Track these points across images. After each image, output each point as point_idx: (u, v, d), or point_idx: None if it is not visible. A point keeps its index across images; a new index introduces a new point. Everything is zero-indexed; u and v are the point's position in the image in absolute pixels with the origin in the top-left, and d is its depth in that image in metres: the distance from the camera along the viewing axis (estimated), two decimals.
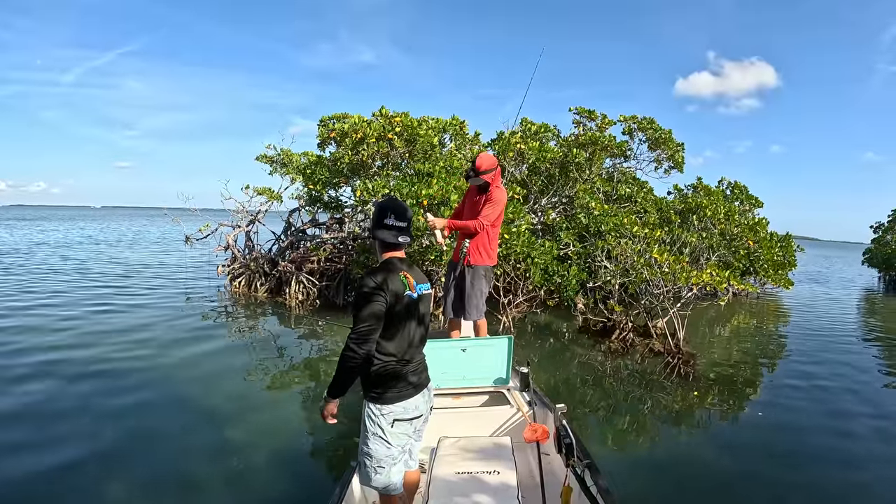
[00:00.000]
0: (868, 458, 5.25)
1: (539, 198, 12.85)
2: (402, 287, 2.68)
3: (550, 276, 10.55)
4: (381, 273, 2.67)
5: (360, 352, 2.59)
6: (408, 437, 2.84)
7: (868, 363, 9.34)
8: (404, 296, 2.68)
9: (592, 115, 14.10)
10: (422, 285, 2.82)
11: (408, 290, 2.70)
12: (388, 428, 2.73)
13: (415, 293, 2.74)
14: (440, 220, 5.08)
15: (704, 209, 13.20)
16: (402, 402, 2.74)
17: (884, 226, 27.61)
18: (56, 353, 7.45)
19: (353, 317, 2.63)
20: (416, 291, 2.75)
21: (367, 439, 2.76)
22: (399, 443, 2.79)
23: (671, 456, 5.21)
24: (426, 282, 2.90)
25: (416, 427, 2.87)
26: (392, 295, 2.63)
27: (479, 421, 4.19)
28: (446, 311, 5.31)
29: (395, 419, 2.74)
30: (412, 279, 2.75)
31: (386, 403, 2.72)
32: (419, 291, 2.78)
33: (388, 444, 2.75)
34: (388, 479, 2.78)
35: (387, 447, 2.75)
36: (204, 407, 5.82)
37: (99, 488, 4.11)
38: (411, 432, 2.84)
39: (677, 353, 8.28)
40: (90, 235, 34.58)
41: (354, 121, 11.51)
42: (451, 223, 5.16)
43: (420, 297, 2.79)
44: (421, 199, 9.55)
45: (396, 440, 2.77)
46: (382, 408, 2.72)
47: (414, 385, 2.79)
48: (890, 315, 16.25)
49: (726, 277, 8.90)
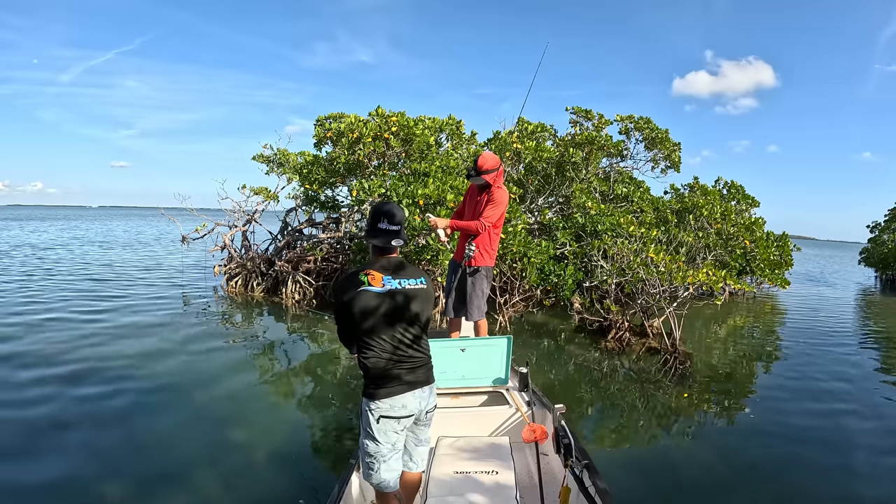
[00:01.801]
0: (863, 458, 5.26)
1: (535, 197, 12.86)
2: (359, 284, 2.72)
3: (547, 275, 10.55)
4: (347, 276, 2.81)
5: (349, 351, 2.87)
6: (396, 436, 2.82)
7: (864, 362, 9.37)
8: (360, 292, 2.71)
9: (589, 115, 14.11)
10: (406, 280, 2.81)
11: (367, 287, 2.71)
12: (374, 424, 2.75)
13: (379, 287, 2.73)
14: (442, 220, 5.04)
15: (701, 209, 13.21)
16: (388, 398, 2.74)
17: (881, 225, 27.67)
18: (53, 355, 7.42)
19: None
20: (382, 286, 2.73)
21: (361, 434, 2.83)
22: (387, 440, 2.78)
23: (667, 455, 5.21)
24: (418, 276, 2.87)
25: (406, 426, 2.84)
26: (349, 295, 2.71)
27: (478, 421, 4.18)
28: (447, 311, 5.28)
29: (381, 416, 2.75)
30: (378, 275, 2.75)
31: (373, 399, 2.74)
32: (391, 286, 2.75)
33: (377, 441, 2.76)
34: (378, 476, 2.78)
35: (375, 444, 2.76)
36: (202, 407, 5.81)
37: (98, 490, 4.09)
38: (399, 430, 2.81)
39: (674, 353, 8.30)
40: (79, 236, 34.43)
41: (351, 120, 11.50)
42: (453, 223, 5.10)
43: (395, 291, 2.76)
44: (417, 199, 9.54)
45: (383, 437, 2.77)
46: (370, 403, 2.75)
47: (407, 383, 2.78)
48: (887, 314, 16.30)
49: (722, 277, 8.91)
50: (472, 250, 4.95)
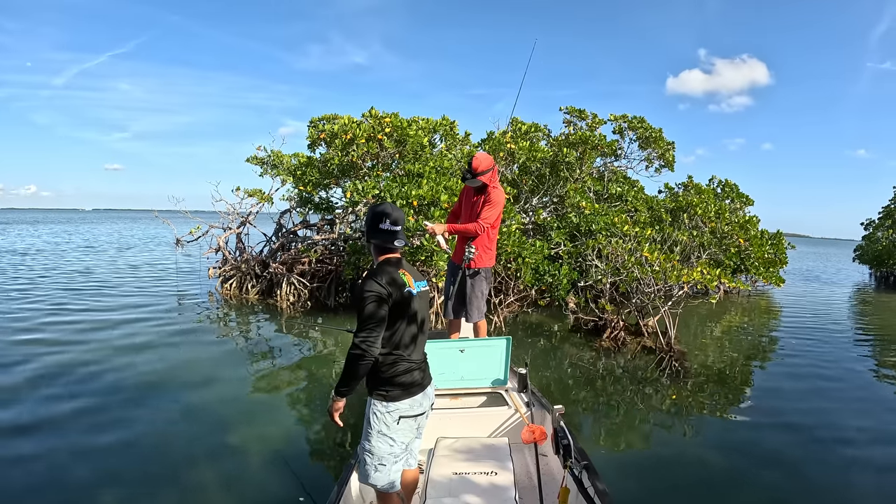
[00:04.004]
0: (859, 456, 5.28)
1: (529, 197, 12.86)
2: (403, 285, 2.72)
3: (541, 275, 10.56)
4: (382, 274, 2.69)
5: (368, 351, 2.61)
6: (412, 434, 2.88)
7: (859, 359, 9.42)
8: (405, 293, 2.72)
9: (583, 115, 14.14)
10: (419, 283, 2.86)
11: (408, 287, 2.74)
12: (393, 425, 2.76)
13: (414, 290, 2.78)
14: (439, 226, 4.99)
15: (695, 207, 13.24)
16: (408, 399, 2.78)
17: (875, 223, 27.75)
18: (51, 357, 7.38)
19: (357, 318, 2.65)
20: (415, 288, 2.79)
21: (370, 437, 2.78)
22: (403, 440, 2.82)
23: (664, 454, 5.22)
24: (423, 279, 2.93)
25: (420, 424, 2.91)
26: (394, 294, 2.67)
27: (477, 422, 4.18)
28: (446, 313, 5.27)
29: (402, 416, 2.77)
30: (411, 277, 2.80)
31: (393, 401, 2.75)
32: (418, 289, 2.82)
33: (392, 442, 2.77)
34: (388, 476, 2.79)
35: (390, 444, 2.77)
36: (199, 409, 5.79)
37: (98, 492, 4.08)
38: (415, 428, 2.88)
39: (669, 352, 8.31)
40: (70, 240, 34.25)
41: (344, 122, 11.47)
42: (450, 227, 5.06)
43: (419, 294, 2.83)
44: (411, 200, 9.52)
45: (401, 437, 2.80)
46: (389, 405, 2.74)
47: (419, 382, 2.84)
48: (881, 311, 16.41)
49: (717, 275, 8.93)
50: (472, 252, 4.94)
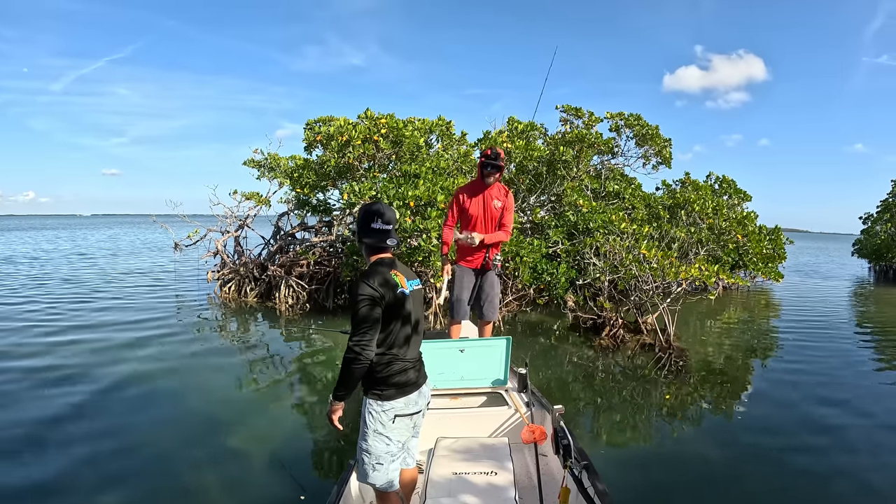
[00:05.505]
0: (860, 452, 5.27)
1: (527, 196, 12.85)
2: (396, 286, 2.72)
3: (539, 274, 10.55)
4: (374, 275, 2.68)
5: (363, 354, 2.60)
6: (408, 433, 2.88)
7: (859, 354, 9.43)
8: (398, 294, 2.71)
9: (579, 113, 14.14)
10: (412, 282, 2.86)
11: (401, 288, 2.73)
12: (389, 424, 2.76)
13: (407, 290, 2.78)
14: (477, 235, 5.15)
15: (692, 204, 13.24)
16: (403, 397, 2.78)
17: (873, 216, 27.71)
18: (48, 360, 7.38)
19: (351, 320, 2.64)
20: (407, 288, 2.79)
21: (367, 436, 2.78)
22: (399, 438, 2.82)
23: (664, 452, 5.20)
24: (416, 278, 2.94)
25: (416, 422, 2.91)
26: (387, 295, 2.66)
27: (477, 422, 4.16)
28: (458, 315, 5.29)
29: (397, 415, 2.77)
30: (403, 277, 2.79)
31: (388, 399, 2.75)
32: (410, 288, 2.82)
33: (389, 441, 2.77)
34: (385, 475, 2.79)
35: (386, 443, 2.77)
36: (197, 412, 5.80)
37: (97, 495, 4.08)
38: (411, 426, 2.88)
39: (668, 349, 8.31)
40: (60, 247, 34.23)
41: (340, 123, 11.46)
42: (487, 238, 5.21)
43: (412, 293, 2.83)
44: (408, 201, 9.51)
45: (397, 436, 2.79)
46: (384, 404, 2.75)
47: (413, 381, 2.83)
48: (881, 305, 16.41)
49: (715, 272, 8.92)
50: (498, 259, 5.30)
